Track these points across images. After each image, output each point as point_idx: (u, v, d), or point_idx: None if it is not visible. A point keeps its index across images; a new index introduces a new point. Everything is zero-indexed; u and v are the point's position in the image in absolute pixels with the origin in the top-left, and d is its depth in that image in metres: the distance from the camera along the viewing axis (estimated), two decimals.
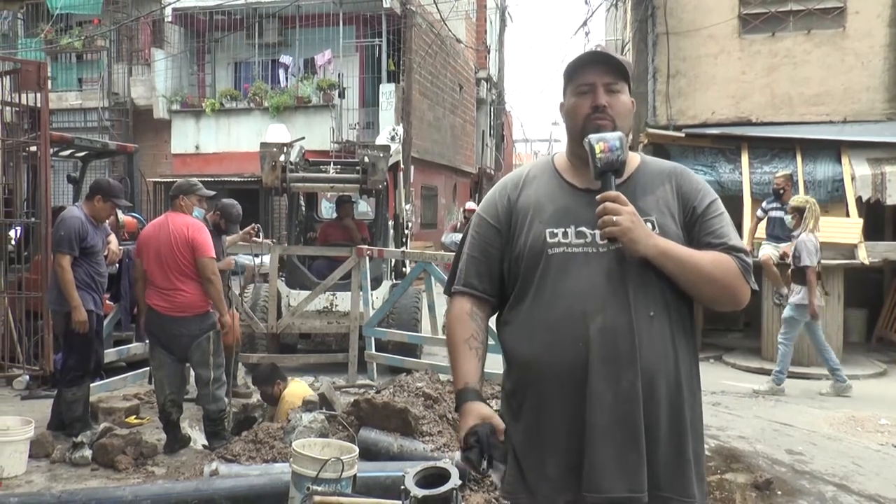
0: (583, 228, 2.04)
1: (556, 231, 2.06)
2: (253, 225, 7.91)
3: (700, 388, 2.13)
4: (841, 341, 9.34)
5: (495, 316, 2.26)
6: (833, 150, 10.50)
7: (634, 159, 2.17)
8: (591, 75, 2.09)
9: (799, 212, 8.25)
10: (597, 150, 2.00)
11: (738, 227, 9.83)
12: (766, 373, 9.04)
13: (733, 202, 10.15)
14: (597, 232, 2.01)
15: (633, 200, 2.02)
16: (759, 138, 10.86)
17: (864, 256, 9.29)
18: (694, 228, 2.08)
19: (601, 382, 1.96)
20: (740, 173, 10.46)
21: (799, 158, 10.48)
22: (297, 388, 6.26)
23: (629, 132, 2.15)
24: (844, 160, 10.28)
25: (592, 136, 2.02)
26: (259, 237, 8.03)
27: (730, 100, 11.30)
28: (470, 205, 14.21)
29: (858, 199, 9.91)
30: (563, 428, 2.01)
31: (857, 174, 10.01)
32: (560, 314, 2.01)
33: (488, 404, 2.13)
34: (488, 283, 2.18)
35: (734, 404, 7.51)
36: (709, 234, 2.07)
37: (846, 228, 9.54)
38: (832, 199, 10.12)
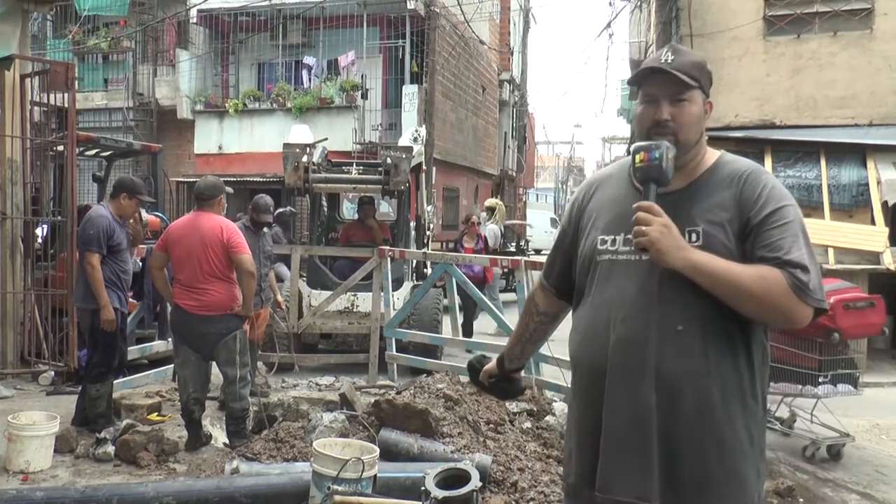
0: (631, 236, 2.02)
1: (606, 238, 2.10)
2: (280, 303, 8.08)
3: (757, 407, 2.01)
4: (865, 348, 9.24)
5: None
6: (858, 153, 10.39)
7: (709, 159, 2.10)
8: (654, 87, 2.06)
9: (490, 210, 12.58)
10: (636, 161, 1.99)
11: None
12: None
13: None
14: None
15: (686, 207, 1.99)
16: (782, 141, 10.77)
17: (889, 262, 9.19)
18: (748, 240, 1.97)
19: (617, 389, 2.00)
20: None
21: (823, 162, 10.38)
22: None
23: (699, 138, 2.10)
24: (870, 164, 10.17)
25: (636, 145, 2.01)
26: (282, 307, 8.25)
27: (753, 102, 11.21)
28: (490, 201, 14.15)
29: (884, 204, 9.79)
30: (587, 428, 2.08)
31: (882, 178, 9.89)
32: (595, 320, 2.08)
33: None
34: (557, 279, 2.32)
35: None
36: (763, 246, 1.94)
37: (871, 236, 9.45)
38: (857, 203, 10.01)
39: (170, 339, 6.86)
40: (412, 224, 10.02)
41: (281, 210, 7.38)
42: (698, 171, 2.08)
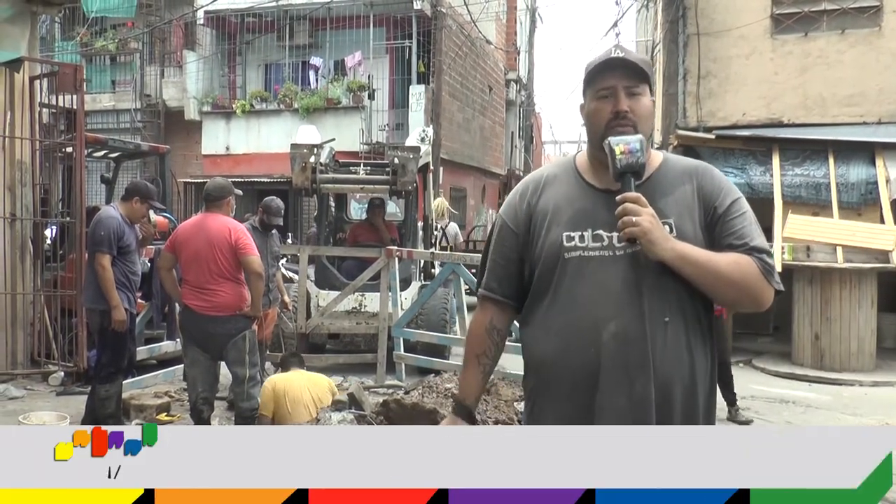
0: (600, 231, 2.03)
1: (573, 235, 2.05)
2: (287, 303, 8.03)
3: (716, 391, 2.12)
4: (874, 347, 9.21)
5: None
6: (867, 151, 10.34)
7: (656, 158, 2.14)
8: (611, 79, 2.06)
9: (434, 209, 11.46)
10: (617, 152, 1.99)
11: (769, 230, 9.73)
12: (797, 378, 8.96)
13: (764, 205, 10.05)
14: (614, 235, 2.00)
15: (651, 202, 1.99)
16: (790, 140, 10.72)
17: None
18: (715, 229, 2.04)
19: (613, 388, 1.96)
20: (771, 175, 10.33)
21: (831, 160, 10.33)
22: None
23: (651, 133, 2.14)
24: (879, 162, 10.12)
25: (613, 139, 2.00)
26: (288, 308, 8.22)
27: (761, 101, 11.17)
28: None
29: (893, 202, 9.74)
30: None
31: (891, 176, 9.85)
32: (574, 319, 2.01)
33: (477, 420, 2.21)
34: (508, 287, 2.19)
35: (764, 409, 7.44)
36: (730, 234, 2.02)
37: (880, 234, 9.39)
38: (866, 201, 9.96)
39: (178, 340, 6.88)
40: (420, 224, 10.03)
41: (267, 198, 7.36)
42: (653, 166, 2.10)
